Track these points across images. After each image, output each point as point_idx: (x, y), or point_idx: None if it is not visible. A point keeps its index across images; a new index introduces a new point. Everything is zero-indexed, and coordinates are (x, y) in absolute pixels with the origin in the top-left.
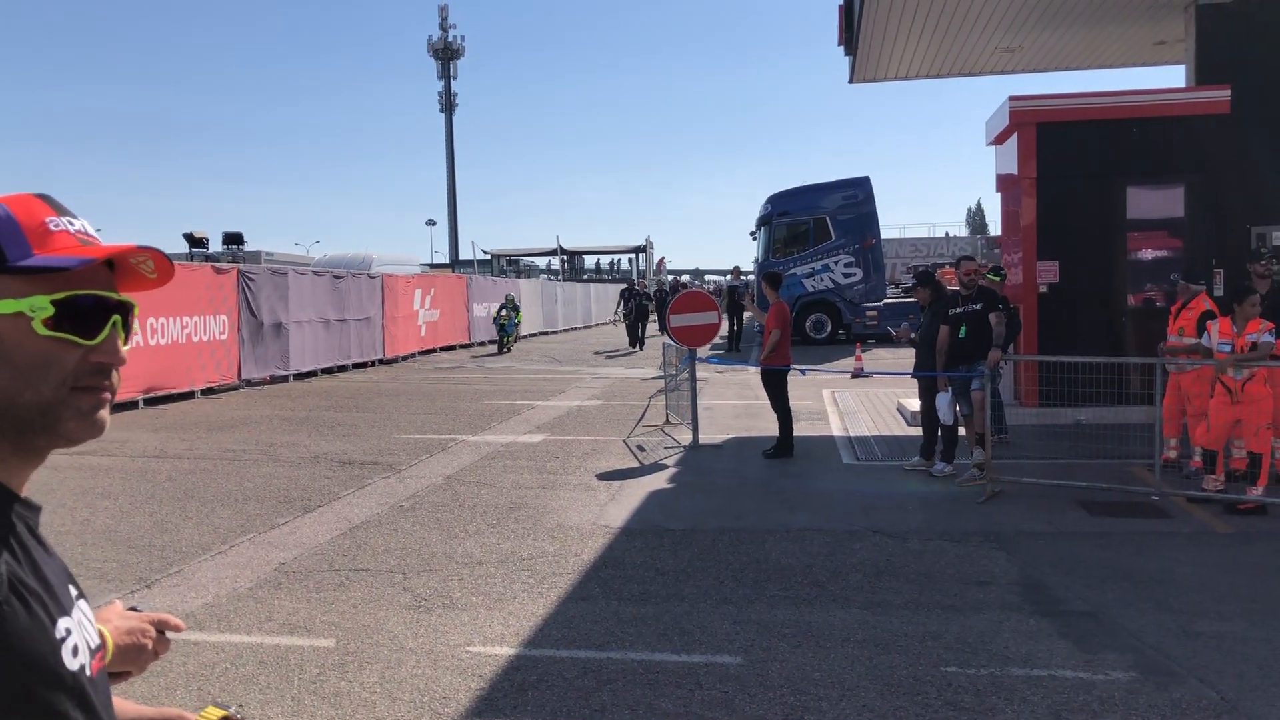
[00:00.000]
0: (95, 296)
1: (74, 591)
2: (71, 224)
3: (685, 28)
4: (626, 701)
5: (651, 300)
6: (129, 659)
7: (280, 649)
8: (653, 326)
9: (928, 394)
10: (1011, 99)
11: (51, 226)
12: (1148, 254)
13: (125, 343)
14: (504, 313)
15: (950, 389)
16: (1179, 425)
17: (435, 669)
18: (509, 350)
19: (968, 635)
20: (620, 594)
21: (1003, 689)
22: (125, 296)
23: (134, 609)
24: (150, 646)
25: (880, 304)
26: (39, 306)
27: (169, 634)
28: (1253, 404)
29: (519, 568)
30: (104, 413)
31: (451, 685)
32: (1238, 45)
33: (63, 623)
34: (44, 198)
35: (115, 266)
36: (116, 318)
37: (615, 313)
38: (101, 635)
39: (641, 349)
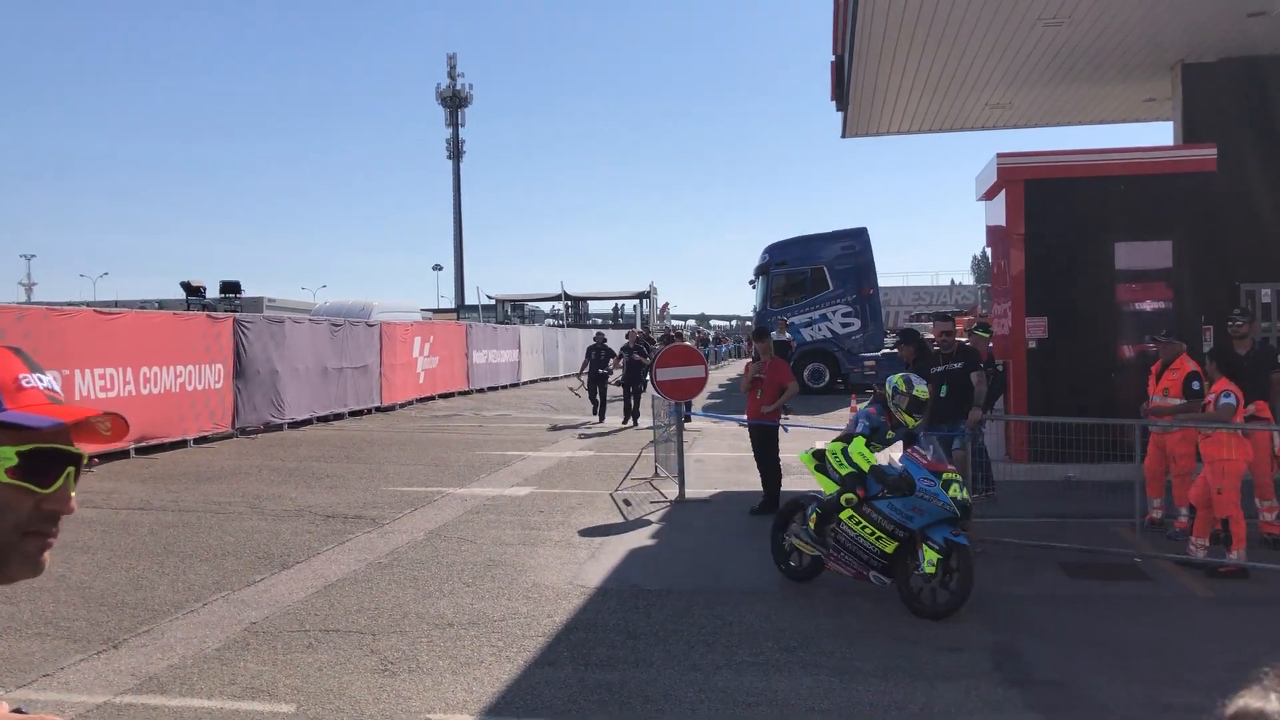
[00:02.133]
0: (56, 450)
1: None
2: (40, 380)
3: (690, 78)
4: None
5: (648, 354)
6: None
7: (239, 714)
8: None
9: None
10: (999, 156)
11: (23, 382)
12: (1136, 310)
13: (74, 490)
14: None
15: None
16: (1162, 485)
17: None
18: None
19: (934, 705)
20: (588, 659)
21: None
22: (79, 449)
23: (19, 710)
24: None
25: (878, 354)
26: (5, 456)
27: None
28: (1208, 464)
29: (489, 630)
30: (47, 555)
31: None
32: (1223, 104)
33: None
34: (16, 352)
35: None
36: (70, 469)
37: (580, 375)
38: None
39: (635, 424)
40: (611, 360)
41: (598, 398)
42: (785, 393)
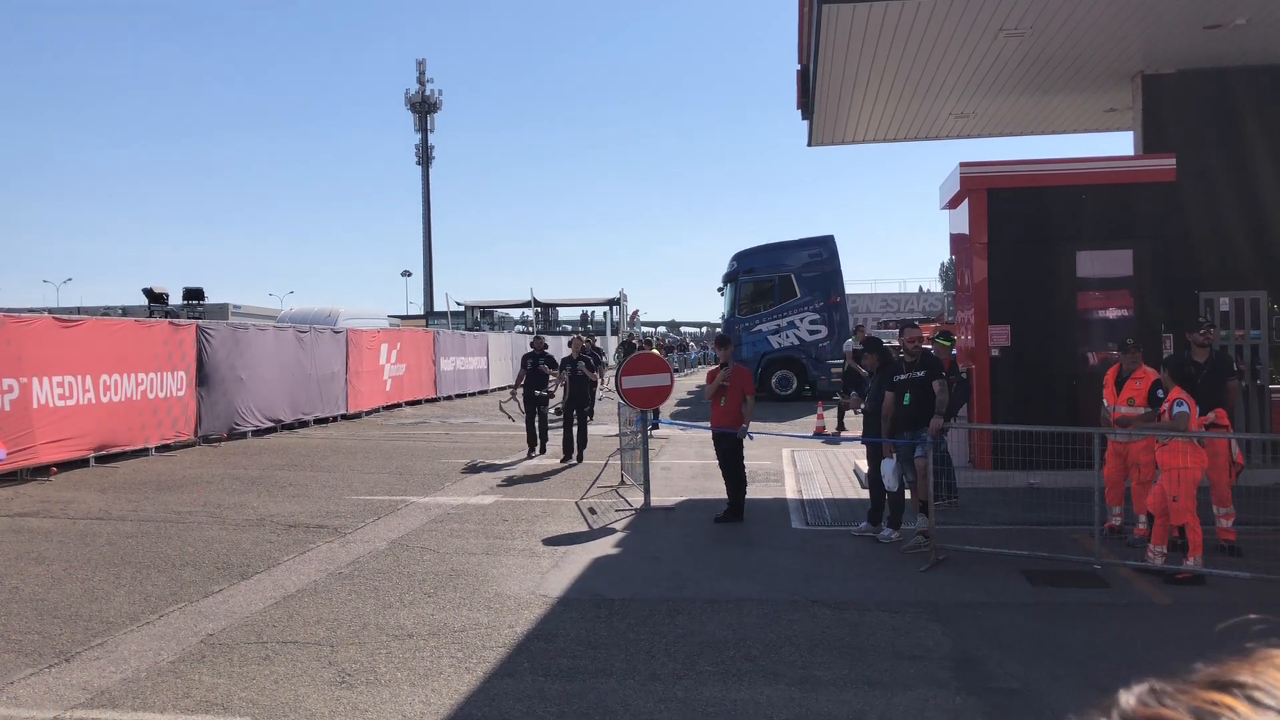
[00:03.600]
0: None
1: None
2: None
3: (659, 85)
4: None
5: (598, 367)
6: None
7: None
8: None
9: (875, 459)
10: (962, 165)
11: None
12: (1097, 319)
13: None
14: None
15: (895, 455)
16: (1121, 493)
17: None
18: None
19: (892, 714)
20: (548, 670)
21: None
22: None
23: None
24: None
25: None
26: None
27: None
28: (1164, 472)
29: (449, 640)
30: None
31: None
32: (1183, 114)
33: None
34: None
35: None
36: None
37: (514, 390)
38: None
39: (578, 461)
40: (552, 375)
41: (535, 425)
42: (746, 403)
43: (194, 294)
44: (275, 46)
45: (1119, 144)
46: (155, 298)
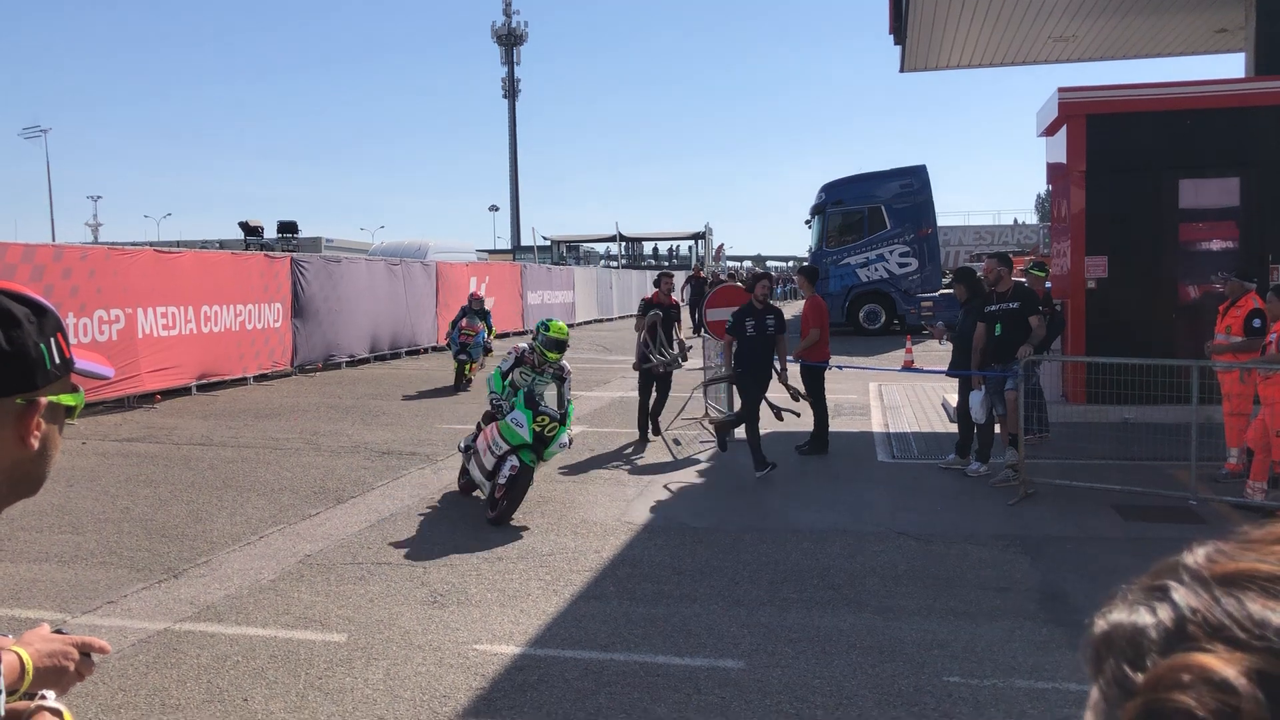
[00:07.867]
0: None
1: None
2: None
3: (747, 14)
4: (623, 705)
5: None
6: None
7: (292, 643)
8: None
9: (964, 392)
10: (1061, 90)
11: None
12: (1200, 249)
13: None
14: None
15: (984, 387)
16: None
17: (440, 667)
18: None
19: (976, 644)
20: (633, 594)
21: (1003, 701)
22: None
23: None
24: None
25: (935, 294)
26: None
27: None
28: (1267, 407)
29: (537, 564)
30: None
31: (453, 684)
32: None
33: None
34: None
35: None
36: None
37: (654, 350)
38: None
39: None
40: (676, 327)
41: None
42: (811, 336)
43: (288, 227)
44: None
45: (1228, 66)
46: (250, 231)
